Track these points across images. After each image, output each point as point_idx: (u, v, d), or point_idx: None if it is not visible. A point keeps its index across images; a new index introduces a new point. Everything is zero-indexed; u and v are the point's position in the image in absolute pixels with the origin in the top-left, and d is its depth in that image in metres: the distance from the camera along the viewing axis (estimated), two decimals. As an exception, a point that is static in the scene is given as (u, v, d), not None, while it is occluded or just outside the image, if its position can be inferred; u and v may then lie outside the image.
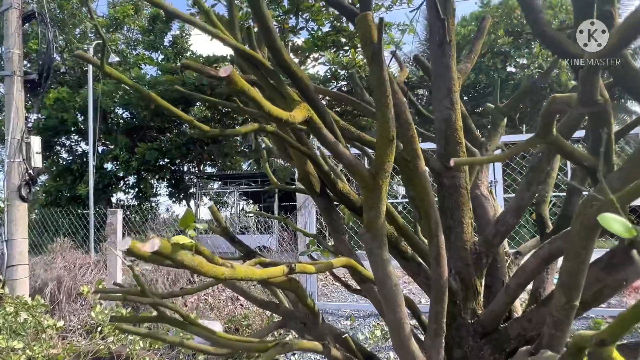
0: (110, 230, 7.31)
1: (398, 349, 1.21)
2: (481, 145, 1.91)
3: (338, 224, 1.71)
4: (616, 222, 0.49)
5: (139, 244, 0.61)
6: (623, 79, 1.03)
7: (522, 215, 1.56)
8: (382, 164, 1.15)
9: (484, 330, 1.49)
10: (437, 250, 1.26)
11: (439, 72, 1.60)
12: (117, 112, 15.80)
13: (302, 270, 1.05)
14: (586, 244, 0.85)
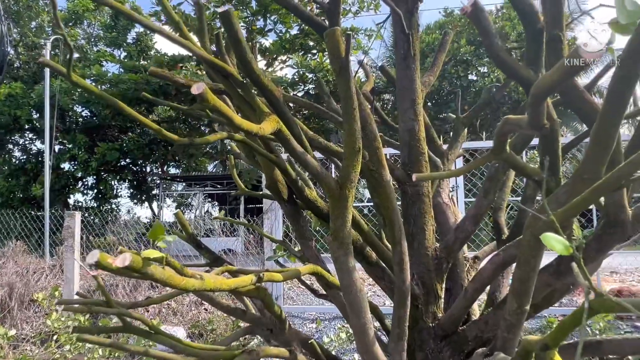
0: (68, 234, 7.02)
1: (362, 353, 1.25)
2: (443, 154, 1.99)
3: (305, 230, 1.74)
4: (556, 241, 0.54)
5: (109, 258, 0.62)
6: (568, 98, 1.12)
7: (480, 222, 1.64)
8: (348, 174, 1.19)
9: (444, 333, 1.55)
10: (400, 257, 1.31)
11: (403, 84, 1.67)
12: (76, 110, 15.17)
13: (270, 279, 1.07)
14: (535, 252, 0.92)
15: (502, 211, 1.80)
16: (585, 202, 0.80)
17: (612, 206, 1.16)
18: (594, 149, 0.88)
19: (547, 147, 1.09)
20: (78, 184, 15.57)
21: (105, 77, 12.78)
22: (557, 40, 1.10)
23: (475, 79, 13.80)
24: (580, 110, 1.10)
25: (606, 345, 1.37)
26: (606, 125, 0.85)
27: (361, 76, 13.12)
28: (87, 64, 13.86)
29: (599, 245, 1.21)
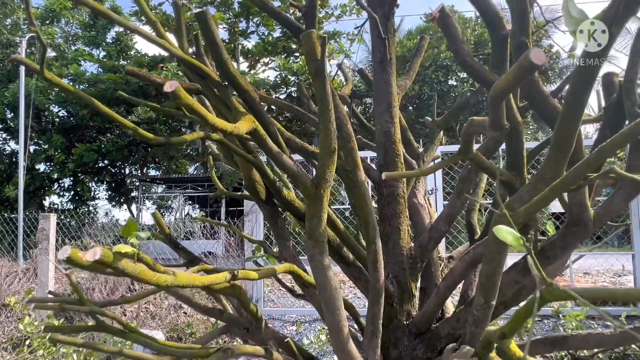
0: (43, 236, 6.85)
1: (337, 350, 1.28)
2: (419, 157, 2.03)
3: (283, 230, 1.75)
4: (507, 233, 0.57)
5: (79, 252, 0.62)
6: (534, 103, 1.17)
7: (454, 223, 1.68)
8: (324, 174, 1.22)
9: (418, 331, 1.59)
10: (374, 256, 1.34)
11: (380, 87, 1.70)
12: (53, 110, 14.83)
13: (244, 277, 1.09)
14: (501, 249, 0.96)
15: (474, 212, 1.85)
16: (545, 200, 0.84)
17: (575, 206, 1.21)
18: (555, 150, 0.93)
19: (512, 147, 1.14)
20: (54, 185, 15.21)
21: (84, 77, 12.53)
22: (523, 47, 1.15)
23: (455, 84, 14.04)
24: (545, 114, 1.15)
25: (572, 340, 1.43)
26: (565, 128, 0.90)
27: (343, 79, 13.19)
28: (64, 63, 13.57)
29: (564, 243, 1.26)
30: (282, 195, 1.69)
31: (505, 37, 1.08)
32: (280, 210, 1.78)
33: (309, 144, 1.78)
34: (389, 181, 1.67)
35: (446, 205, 1.69)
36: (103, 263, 0.63)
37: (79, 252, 0.62)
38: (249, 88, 1.19)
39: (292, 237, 1.85)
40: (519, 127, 1.08)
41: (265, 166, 1.60)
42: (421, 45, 2.04)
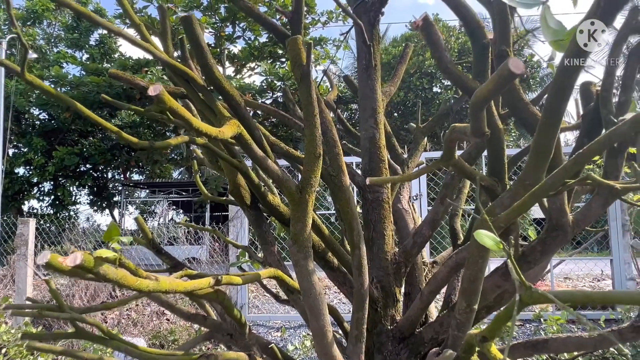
0: (21, 242, 6.69)
1: (321, 355, 1.27)
2: (403, 162, 2.05)
3: (268, 235, 1.75)
4: (487, 238, 0.59)
5: (59, 257, 0.61)
6: (515, 110, 1.20)
7: (438, 229, 1.70)
8: (309, 179, 1.22)
9: (402, 335, 1.60)
10: (358, 260, 1.34)
11: (365, 93, 1.72)
12: (33, 112, 14.53)
13: (228, 282, 1.08)
14: (483, 254, 0.97)
15: (458, 217, 1.88)
16: (525, 206, 0.86)
17: (554, 211, 1.24)
18: (534, 157, 0.95)
19: (493, 154, 1.16)
20: (33, 189, 14.87)
21: (66, 80, 12.32)
22: (504, 56, 1.18)
23: (439, 91, 14.23)
24: (525, 121, 1.17)
25: (552, 343, 1.45)
26: (545, 135, 0.92)
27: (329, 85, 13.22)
28: (46, 65, 13.32)
29: (544, 247, 1.29)
30: (267, 200, 1.69)
31: (486, 45, 1.10)
32: (265, 216, 1.77)
33: (295, 149, 1.79)
34: (373, 186, 1.68)
35: (430, 210, 1.71)
36: (84, 268, 0.62)
37: (59, 257, 0.61)
38: (234, 92, 1.19)
39: (277, 243, 1.84)
40: (500, 134, 1.11)
41: (250, 171, 1.59)
42: (405, 53, 2.07)
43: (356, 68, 13.77)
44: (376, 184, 1.56)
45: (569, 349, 1.43)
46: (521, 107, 1.16)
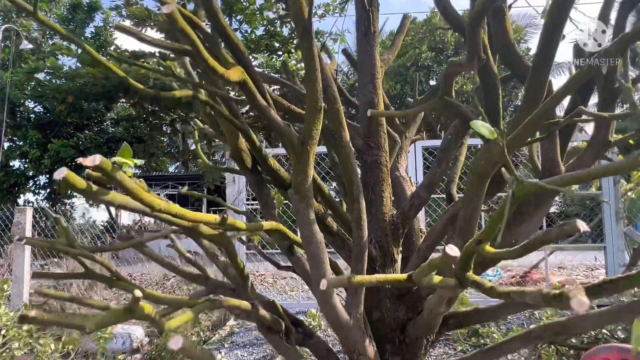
0: (18, 230, 6.68)
1: (322, 302, 1.31)
2: (401, 133, 2.09)
3: (268, 198, 1.78)
4: (483, 127, 0.62)
5: (80, 160, 0.64)
6: (511, 64, 1.24)
7: (434, 190, 1.74)
8: (310, 132, 1.25)
9: (400, 293, 1.64)
10: (358, 214, 1.38)
11: (363, 59, 1.75)
12: (28, 105, 14.45)
13: (232, 224, 1.11)
14: (478, 192, 1.01)
15: (454, 183, 1.92)
16: (520, 138, 0.90)
17: (547, 162, 1.28)
18: (528, 98, 0.99)
19: (488, 96, 1.20)
20: (29, 182, 14.81)
21: (61, 71, 12.26)
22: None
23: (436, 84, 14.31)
24: (519, 73, 1.22)
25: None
26: (537, 76, 0.96)
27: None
28: (41, 57, 13.25)
29: (538, 200, 1.33)
30: (267, 163, 1.72)
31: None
32: (265, 179, 1.81)
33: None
34: (372, 150, 1.72)
35: (427, 174, 1.75)
36: (102, 169, 0.65)
37: (80, 159, 0.64)
38: (238, 42, 1.22)
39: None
40: (495, 77, 1.14)
41: (251, 133, 1.63)
42: (403, 24, 2.10)
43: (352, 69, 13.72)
44: (377, 116, 1.59)
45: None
46: (516, 60, 1.20)
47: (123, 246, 1.15)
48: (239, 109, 1.51)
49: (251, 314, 1.36)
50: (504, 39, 1.12)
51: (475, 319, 1.59)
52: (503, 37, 1.12)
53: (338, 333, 1.37)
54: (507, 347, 1.33)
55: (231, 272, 1.49)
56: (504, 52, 1.18)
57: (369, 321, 1.62)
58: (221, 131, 1.79)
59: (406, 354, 1.57)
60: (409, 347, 1.55)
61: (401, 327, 1.59)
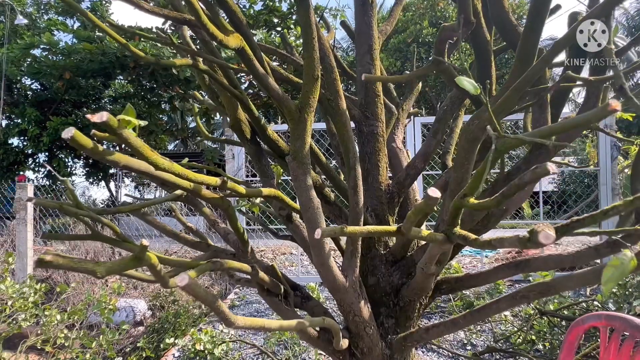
0: (20, 206, 6.75)
1: (319, 265, 1.37)
2: (398, 105, 2.12)
3: (267, 169, 1.82)
4: (466, 82, 0.66)
5: (88, 116, 0.68)
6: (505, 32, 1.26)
7: (429, 160, 1.78)
8: (307, 99, 1.28)
9: (394, 259, 1.70)
10: (354, 181, 1.42)
11: (361, 30, 1.76)
12: (25, 82, 14.33)
13: (232, 188, 1.16)
14: (468, 155, 1.05)
15: (449, 154, 1.95)
16: (509, 101, 0.93)
17: (538, 124, 1.32)
18: (518, 62, 1.01)
19: (481, 62, 1.22)
20: (28, 160, 14.82)
21: (57, 47, 12.10)
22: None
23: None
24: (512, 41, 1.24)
25: (533, 262, 1.55)
26: (527, 41, 0.98)
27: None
28: (37, 32, 13.05)
29: (528, 166, 1.37)
30: (266, 134, 1.76)
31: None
32: (264, 150, 1.84)
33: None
34: (369, 120, 1.75)
35: (423, 144, 1.78)
36: (108, 126, 0.69)
37: (88, 115, 0.68)
38: (236, 9, 1.24)
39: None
40: (488, 43, 1.17)
41: (250, 103, 1.66)
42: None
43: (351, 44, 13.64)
44: (371, 81, 1.62)
45: (550, 267, 1.53)
46: (510, 27, 1.22)
47: (127, 209, 1.19)
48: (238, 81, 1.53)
49: (251, 276, 1.41)
50: (498, 6, 1.14)
51: (467, 284, 1.66)
52: (497, 4, 1.14)
53: (334, 295, 1.43)
54: (496, 307, 1.39)
55: (231, 238, 1.54)
56: (498, 19, 1.20)
57: (365, 286, 1.68)
58: (220, 103, 1.81)
59: (400, 316, 1.63)
60: (403, 309, 1.62)
61: (395, 291, 1.66)
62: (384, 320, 1.64)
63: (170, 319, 5.54)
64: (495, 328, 4.37)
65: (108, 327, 4.12)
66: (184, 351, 4.24)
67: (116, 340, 4.21)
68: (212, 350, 4.02)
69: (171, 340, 4.41)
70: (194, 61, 1.35)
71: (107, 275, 0.72)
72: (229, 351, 4.12)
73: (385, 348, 1.58)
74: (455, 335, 4.34)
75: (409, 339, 1.56)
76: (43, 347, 3.76)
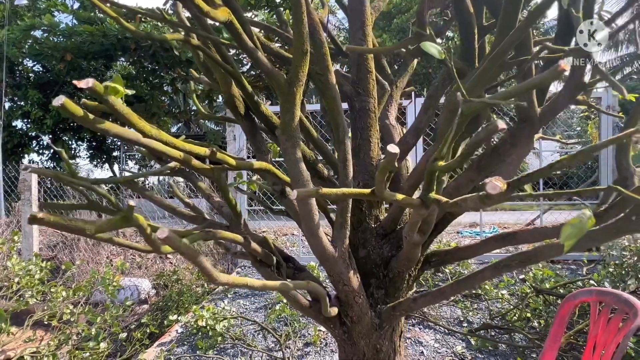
0: (25, 187, 6.84)
1: (309, 236, 1.41)
2: (392, 82, 2.13)
3: (262, 144, 1.85)
4: (432, 47, 0.69)
5: (75, 82, 0.71)
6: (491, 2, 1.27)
7: (421, 135, 1.81)
8: (297, 74, 1.31)
9: (385, 232, 1.74)
10: (343, 155, 1.46)
11: (354, 6, 1.77)
12: (27, 64, 14.30)
13: (222, 159, 1.19)
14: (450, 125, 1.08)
15: (441, 131, 1.98)
16: (487, 71, 0.95)
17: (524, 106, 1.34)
18: (500, 32, 1.03)
19: (464, 38, 1.24)
20: (32, 143, 14.91)
21: (58, 28, 12.04)
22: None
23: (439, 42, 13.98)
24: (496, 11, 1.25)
25: (520, 235, 1.59)
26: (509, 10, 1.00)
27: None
28: (37, 14, 12.98)
29: (514, 140, 1.40)
30: (260, 110, 1.79)
31: None
32: (258, 126, 1.87)
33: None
34: (360, 96, 1.77)
35: (414, 120, 1.81)
36: (95, 91, 0.72)
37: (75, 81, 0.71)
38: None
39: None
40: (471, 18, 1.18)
41: (243, 79, 1.68)
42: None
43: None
44: (354, 52, 1.64)
45: (535, 239, 1.57)
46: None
47: (121, 179, 1.23)
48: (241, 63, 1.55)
49: (244, 247, 1.46)
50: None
51: (456, 256, 1.70)
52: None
53: (324, 264, 1.47)
54: (481, 276, 1.44)
55: (225, 210, 1.59)
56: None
57: (355, 258, 1.73)
58: (215, 80, 1.84)
59: (389, 287, 1.69)
60: (392, 280, 1.67)
61: (385, 263, 1.70)
62: (374, 291, 1.70)
63: (174, 297, 5.66)
64: (492, 306, 4.45)
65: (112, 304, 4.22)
66: (186, 327, 4.36)
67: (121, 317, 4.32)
68: (214, 326, 4.13)
69: (174, 317, 4.52)
70: (186, 36, 1.37)
71: (96, 232, 0.76)
72: (230, 327, 4.22)
73: (374, 317, 1.63)
74: (452, 312, 4.42)
75: (397, 309, 1.61)
76: (49, 322, 3.87)
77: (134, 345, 4.13)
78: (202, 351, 3.85)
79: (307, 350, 3.83)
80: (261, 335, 4.15)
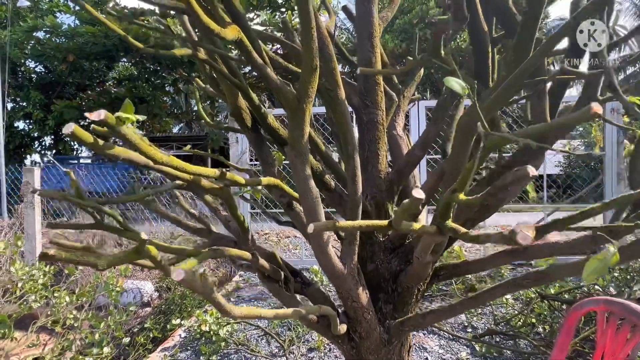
0: (27, 190, 6.83)
1: (318, 254, 1.40)
2: (399, 92, 2.11)
3: (268, 156, 1.84)
4: (454, 82, 0.67)
5: (86, 114, 0.70)
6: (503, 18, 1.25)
7: (429, 148, 1.79)
8: (306, 90, 1.29)
9: (393, 246, 1.72)
10: (353, 170, 1.44)
11: (361, 16, 1.75)
12: (29, 65, 14.32)
13: (232, 178, 1.18)
14: (462, 148, 1.06)
15: (449, 142, 1.96)
16: (503, 96, 0.93)
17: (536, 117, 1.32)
18: (515, 54, 1.01)
19: (478, 57, 1.22)
20: (34, 143, 14.93)
21: (60, 29, 12.05)
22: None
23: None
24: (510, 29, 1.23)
25: (530, 250, 1.57)
26: (525, 33, 0.98)
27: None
28: (39, 15, 12.99)
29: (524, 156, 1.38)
30: (267, 122, 1.77)
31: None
32: (264, 138, 1.86)
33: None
34: (369, 108, 1.75)
35: (422, 132, 1.79)
36: (106, 124, 0.70)
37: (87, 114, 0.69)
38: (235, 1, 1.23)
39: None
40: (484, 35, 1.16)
41: (250, 91, 1.66)
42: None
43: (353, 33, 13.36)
44: (366, 73, 1.62)
45: (544, 254, 1.55)
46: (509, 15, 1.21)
47: (130, 199, 1.22)
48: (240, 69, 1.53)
49: (252, 263, 1.45)
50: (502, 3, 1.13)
51: (464, 270, 1.68)
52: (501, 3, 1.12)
53: (333, 281, 1.46)
54: (492, 294, 1.42)
55: (232, 225, 1.57)
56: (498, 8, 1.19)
57: (363, 272, 1.71)
58: (221, 90, 1.82)
59: (398, 302, 1.67)
60: (401, 295, 1.65)
61: (394, 278, 1.69)
62: (382, 306, 1.68)
63: (177, 300, 5.64)
64: (496, 311, 4.43)
65: (116, 308, 4.21)
66: (190, 332, 4.35)
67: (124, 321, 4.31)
68: (217, 331, 4.12)
69: (177, 321, 4.51)
70: (195, 50, 1.36)
71: (108, 267, 0.74)
72: (233, 332, 4.21)
73: (383, 332, 1.62)
74: (456, 317, 4.40)
75: (406, 324, 1.59)
76: (53, 327, 3.86)
77: (137, 350, 4.12)
78: (206, 356, 3.84)
79: (310, 356, 3.82)
80: (265, 340, 4.14)
